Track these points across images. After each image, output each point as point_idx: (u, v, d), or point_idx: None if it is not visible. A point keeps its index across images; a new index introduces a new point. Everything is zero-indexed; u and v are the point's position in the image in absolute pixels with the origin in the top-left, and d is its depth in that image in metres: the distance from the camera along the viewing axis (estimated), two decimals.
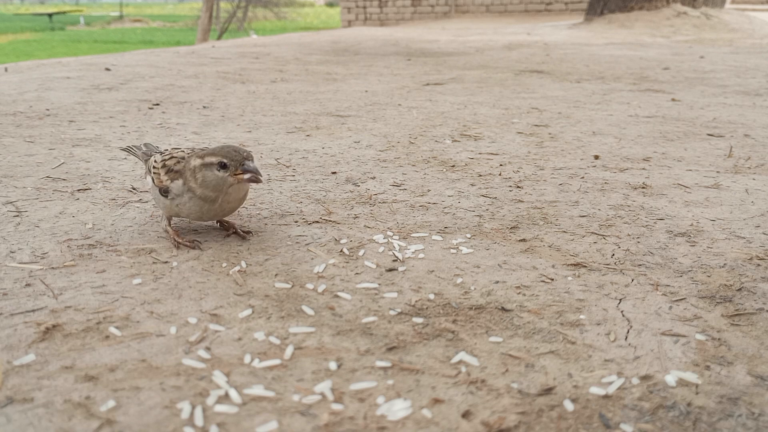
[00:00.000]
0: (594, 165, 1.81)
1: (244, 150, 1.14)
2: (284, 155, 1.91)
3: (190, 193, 1.15)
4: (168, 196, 1.17)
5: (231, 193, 1.16)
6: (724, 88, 3.27)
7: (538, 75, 3.82)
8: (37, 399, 0.75)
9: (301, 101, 2.90)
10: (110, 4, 52.97)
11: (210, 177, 1.13)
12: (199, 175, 1.14)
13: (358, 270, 1.11)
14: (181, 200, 1.16)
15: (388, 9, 12.92)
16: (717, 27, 7.57)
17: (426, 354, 0.85)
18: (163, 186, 1.17)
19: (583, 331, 0.91)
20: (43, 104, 2.72)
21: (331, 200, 1.48)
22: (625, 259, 1.16)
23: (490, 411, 0.73)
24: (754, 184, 1.62)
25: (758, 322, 0.93)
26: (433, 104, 2.81)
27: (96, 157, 1.85)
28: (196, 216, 1.18)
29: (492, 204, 1.46)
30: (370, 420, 0.72)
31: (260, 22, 20.99)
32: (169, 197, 1.17)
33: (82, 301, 0.98)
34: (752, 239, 1.25)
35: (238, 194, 1.18)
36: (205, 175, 1.13)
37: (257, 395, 0.76)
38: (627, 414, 0.73)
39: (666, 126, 2.34)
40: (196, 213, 1.17)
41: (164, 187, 1.17)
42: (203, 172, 1.14)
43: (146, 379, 0.79)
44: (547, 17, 11.54)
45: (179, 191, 1.16)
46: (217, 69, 4.10)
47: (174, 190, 1.16)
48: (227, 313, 0.95)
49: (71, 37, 17.16)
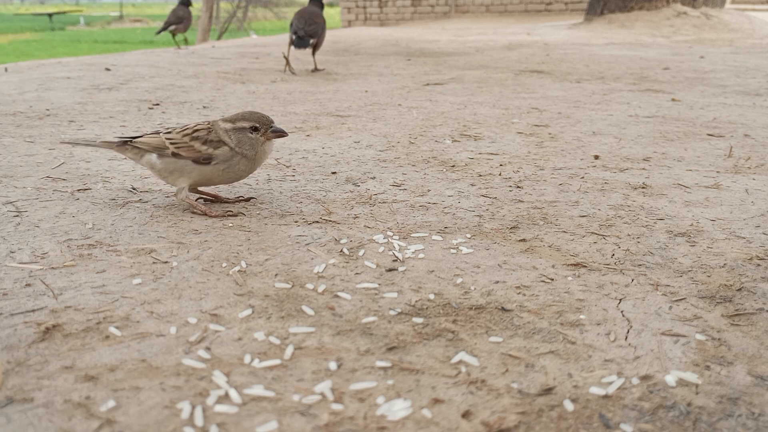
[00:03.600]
0: (594, 165, 1.81)
1: (267, 116, 1.34)
2: (284, 155, 1.91)
3: (239, 156, 1.33)
4: (211, 162, 1.32)
5: (264, 151, 1.36)
6: (724, 88, 3.27)
7: (538, 75, 3.82)
8: (37, 399, 0.75)
9: (301, 101, 2.90)
10: (110, 4, 52.98)
11: (245, 139, 1.32)
12: (234, 137, 1.32)
13: (358, 270, 1.11)
14: (230, 163, 1.33)
15: (388, 9, 12.92)
16: (717, 27, 7.57)
17: (426, 354, 0.85)
18: (204, 155, 1.32)
19: (583, 331, 0.91)
20: (43, 104, 2.72)
21: (331, 200, 1.48)
22: (625, 259, 1.16)
23: (490, 411, 0.73)
24: (754, 184, 1.62)
25: (758, 322, 0.93)
26: (433, 104, 2.81)
27: (96, 157, 1.85)
28: (239, 176, 1.35)
29: (492, 204, 1.46)
30: (370, 420, 0.72)
31: (260, 22, 20.99)
32: (213, 163, 1.32)
33: (82, 301, 0.98)
34: (752, 239, 1.25)
35: (267, 151, 1.38)
36: (240, 138, 1.32)
37: (257, 395, 0.76)
38: (627, 414, 0.73)
39: (666, 126, 2.34)
40: (244, 171, 1.35)
41: (205, 156, 1.32)
42: (237, 135, 1.32)
43: (146, 379, 0.79)
44: (547, 17, 11.54)
45: (227, 156, 1.32)
46: (217, 69, 4.10)
47: (221, 156, 1.32)
48: (227, 313, 0.95)
49: (71, 37, 17.16)
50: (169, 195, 1.51)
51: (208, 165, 1.32)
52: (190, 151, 1.33)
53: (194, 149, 1.32)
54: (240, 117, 1.33)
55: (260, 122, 1.32)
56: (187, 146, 1.33)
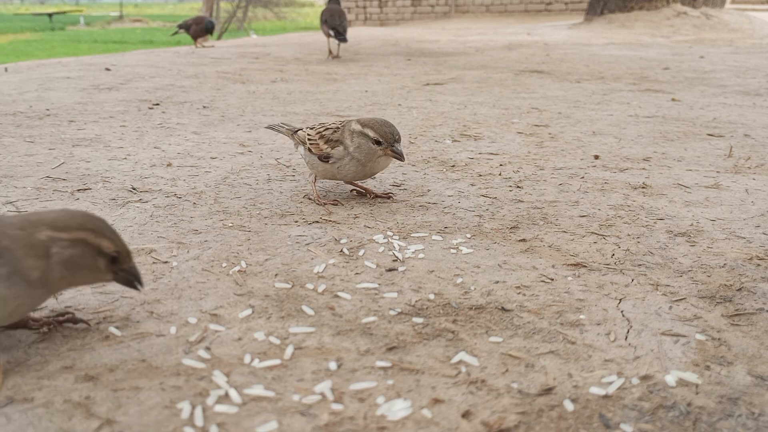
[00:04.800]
0: (594, 165, 1.81)
1: (396, 132, 1.38)
2: (284, 155, 1.91)
3: (349, 157, 1.39)
4: (329, 161, 1.40)
5: (379, 162, 1.41)
6: (724, 88, 3.27)
7: (538, 75, 3.82)
8: (37, 399, 0.75)
9: (301, 101, 2.90)
10: (110, 4, 52.99)
11: (364, 146, 1.38)
12: (356, 140, 1.38)
13: (358, 270, 1.11)
14: (341, 163, 1.40)
15: (388, 9, 12.92)
16: (717, 27, 7.57)
17: (426, 354, 0.85)
18: (324, 153, 1.40)
19: (583, 331, 0.91)
20: (43, 104, 2.72)
21: (331, 200, 1.48)
22: (625, 259, 1.16)
23: (490, 411, 0.73)
24: (754, 184, 1.62)
25: (758, 322, 0.93)
26: (433, 104, 2.81)
27: (96, 157, 1.85)
28: (351, 176, 1.42)
29: (492, 204, 1.46)
30: (370, 420, 0.72)
31: (260, 22, 20.98)
32: (330, 162, 1.40)
33: (82, 301, 0.98)
34: (752, 239, 1.25)
35: (384, 163, 1.43)
36: (361, 143, 1.38)
37: (257, 395, 0.76)
38: (627, 414, 0.73)
39: (666, 126, 2.34)
40: (352, 173, 1.41)
41: (325, 154, 1.40)
42: (359, 139, 1.38)
43: (146, 379, 0.79)
44: (547, 17, 11.54)
45: (340, 155, 1.39)
46: (217, 69, 4.10)
47: (336, 155, 1.40)
48: (227, 313, 0.95)
49: (71, 37, 17.15)
50: (169, 195, 1.51)
51: (327, 162, 1.41)
52: (316, 148, 1.43)
53: (319, 147, 1.42)
54: (370, 124, 1.38)
55: (385, 138, 1.36)
56: (315, 143, 1.43)
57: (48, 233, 0.79)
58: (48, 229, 0.79)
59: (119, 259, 0.83)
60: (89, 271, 0.81)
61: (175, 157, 1.86)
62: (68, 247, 0.79)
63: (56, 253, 0.79)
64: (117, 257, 0.82)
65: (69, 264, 0.79)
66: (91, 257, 0.81)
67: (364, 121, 1.39)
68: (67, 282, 0.82)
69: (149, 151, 1.94)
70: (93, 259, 0.81)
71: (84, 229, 0.80)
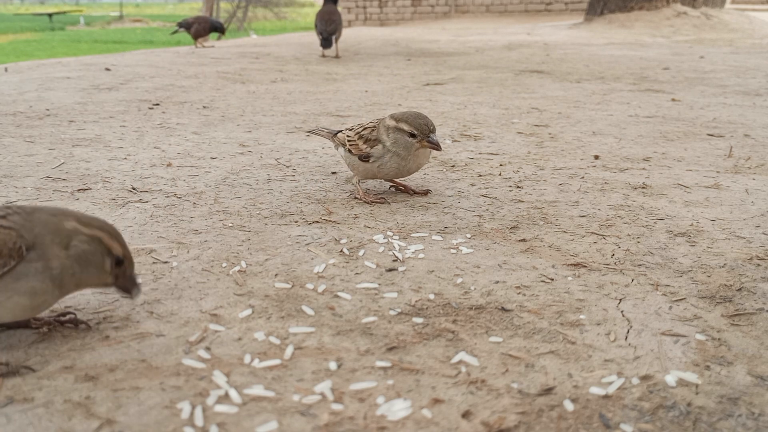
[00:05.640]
0: (594, 165, 1.81)
1: (430, 123, 1.38)
2: (284, 155, 1.91)
3: (390, 153, 1.40)
4: (369, 160, 1.42)
5: (418, 155, 1.41)
6: (724, 88, 3.27)
7: (538, 75, 3.82)
8: (37, 399, 0.75)
9: (301, 101, 2.90)
10: (110, 4, 52.97)
11: (401, 140, 1.39)
12: (392, 136, 1.39)
13: (358, 270, 1.11)
14: (382, 161, 1.41)
15: (388, 9, 12.92)
16: (717, 27, 7.57)
17: (426, 354, 0.85)
18: (364, 153, 1.42)
19: (583, 331, 0.91)
20: (43, 104, 2.72)
21: (331, 200, 1.48)
22: (625, 259, 1.16)
23: (490, 411, 0.73)
24: (754, 184, 1.62)
25: (758, 322, 0.93)
26: (433, 104, 2.81)
27: (96, 157, 1.85)
28: (393, 173, 1.44)
29: (492, 204, 1.46)
30: (370, 420, 0.72)
31: (260, 22, 20.98)
32: (371, 161, 1.42)
33: (82, 301, 0.98)
34: (752, 239, 1.25)
35: (424, 156, 1.44)
36: (397, 138, 1.39)
37: (257, 395, 0.76)
38: (627, 414, 0.73)
39: (666, 126, 2.34)
40: (394, 170, 1.42)
41: (365, 154, 1.42)
42: (395, 135, 1.39)
43: (146, 379, 0.79)
44: (547, 17, 11.54)
45: (380, 153, 1.41)
46: (217, 69, 4.10)
47: (375, 153, 1.41)
48: (227, 313, 0.95)
49: (71, 37, 17.15)
50: (169, 195, 1.51)
51: (367, 162, 1.43)
52: (356, 148, 1.45)
53: (358, 147, 1.44)
54: (404, 118, 1.39)
55: (419, 130, 1.37)
56: (355, 144, 1.46)
57: (74, 224, 0.83)
58: (74, 221, 0.84)
59: (124, 264, 0.86)
60: (96, 271, 0.84)
61: (175, 157, 1.86)
62: (85, 242, 0.83)
63: (74, 246, 0.82)
64: (123, 261, 0.86)
65: (81, 260, 0.83)
66: (101, 257, 0.84)
67: (398, 116, 1.40)
68: (75, 282, 0.84)
69: (149, 151, 1.94)
70: (102, 258, 0.84)
71: (102, 229, 0.85)
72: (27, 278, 0.80)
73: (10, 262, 0.79)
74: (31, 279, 0.80)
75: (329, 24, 4.69)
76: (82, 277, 0.84)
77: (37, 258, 0.80)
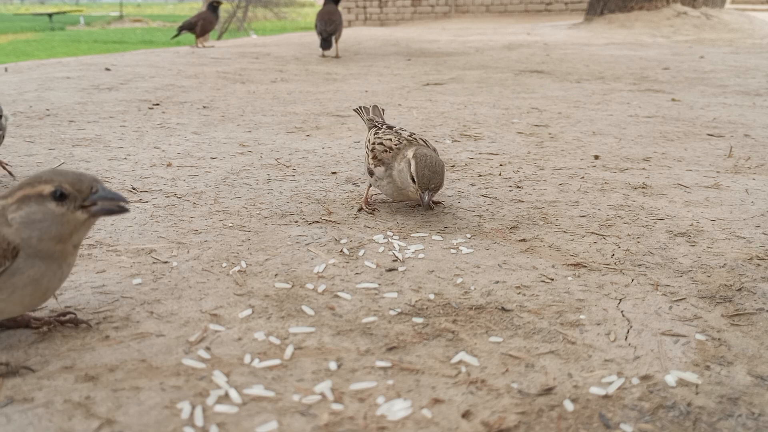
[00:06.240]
0: (594, 165, 1.81)
1: (435, 181, 1.30)
2: (284, 155, 1.91)
3: (389, 179, 1.38)
4: (372, 176, 1.42)
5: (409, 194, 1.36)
6: (724, 88, 3.27)
7: (538, 75, 3.82)
8: (37, 399, 0.75)
9: (301, 101, 2.90)
10: (110, 4, 52.96)
11: (405, 174, 1.33)
12: (402, 165, 1.34)
13: (358, 270, 1.11)
14: (381, 183, 1.40)
15: (388, 9, 12.92)
16: (717, 27, 7.57)
17: (426, 354, 0.85)
18: (369, 168, 1.43)
19: (583, 331, 0.91)
20: (43, 104, 2.72)
21: (331, 200, 1.48)
22: (625, 259, 1.16)
23: (490, 411, 0.73)
24: (754, 184, 1.62)
25: (758, 322, 0.93)
26: (433, 104, 2.81)
27: (96, 157, 1.85)
28: (388, 195, 1.43)
29: (492, 204, 1.46)
30: (370, 420, 0.72)
31: (260, 22, 20.98)
32: (373, 177, 1.42)
33: (82, 301, 0.98)
34: (752, 239, 1.25)
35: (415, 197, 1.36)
36: (403, 169, 1.34)
37: (257, 395, 0.76)
38: (627, 414, 0.73)
39: (666, 126, 2.34)
40: (389, 193, 1.42)
41: (370, 169, 1.42)
42: (404, 166, 1.34)
43: (146, 379, 0.79)
44: (547, 17, 11.54)
45: (381, 176, 1.40)
46: (217, 69, 4.10)
47: (377, 174, 1.40)
48: (227, 313, 0.95)
49: (71, 37, 17.14)
50: (169, 195, 1.51)
51: (371, 176, 1.43)
52: (366, 161, 1.45)
53: (368, 160, 1.44)
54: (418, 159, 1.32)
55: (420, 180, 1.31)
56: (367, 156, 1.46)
57: (1, 202, 0.80)
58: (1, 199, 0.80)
59: (68, 193, 0.78)
60: (52, 221, 0.78)
61: (175, 157, 1.86)
62: (17, 209, 0.78)
63: (13, 219, 0.79)
64: (64, 192, 0.78)
65: (28, 223, 0.78)
66: (39, 206, 0.78)
67: (417, 155, 1.32)
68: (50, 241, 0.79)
69: (149, 151, 1.94)
70: (42, 206, 0.78)
71: (22, 187, 0.79)
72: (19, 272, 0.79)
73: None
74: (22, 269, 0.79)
75: (329, 24, 4.70)
76: (49, 233, 0.79)
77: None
